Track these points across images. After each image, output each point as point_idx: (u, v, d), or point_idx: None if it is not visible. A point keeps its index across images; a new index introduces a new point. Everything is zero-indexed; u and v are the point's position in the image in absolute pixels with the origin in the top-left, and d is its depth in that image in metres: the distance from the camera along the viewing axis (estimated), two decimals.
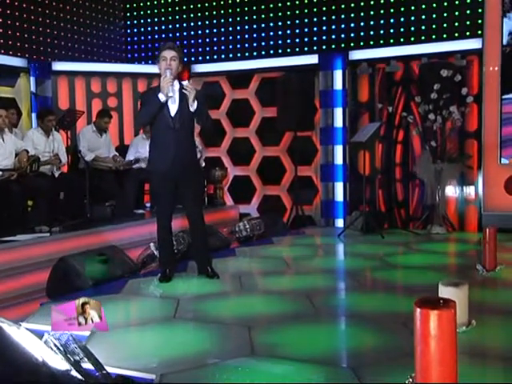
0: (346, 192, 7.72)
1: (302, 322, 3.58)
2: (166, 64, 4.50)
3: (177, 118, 4.53)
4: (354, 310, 3.93)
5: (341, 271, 5.45)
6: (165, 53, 4.52)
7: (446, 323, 2.19)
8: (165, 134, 4.53)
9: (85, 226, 5.74)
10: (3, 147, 5.81)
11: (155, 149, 4.64)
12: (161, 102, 4.47)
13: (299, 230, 7.36)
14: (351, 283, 4.76)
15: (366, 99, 7.66)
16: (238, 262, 5.59)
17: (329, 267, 5.45)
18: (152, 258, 5.15)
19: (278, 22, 8.67)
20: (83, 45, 9.08)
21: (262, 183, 8.39)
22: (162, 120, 4.52)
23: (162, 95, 4.45)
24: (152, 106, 4.50)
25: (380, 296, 4.26)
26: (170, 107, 4.54)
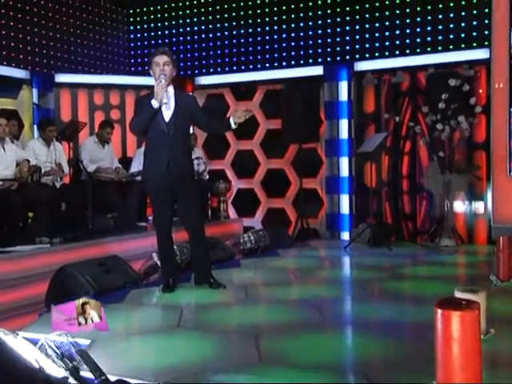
0: (352, 205, 7.63)
1: (310, 331, 3.46)
2: (159, 70, 4.42)
3: (171, 124, 4.45)
4: (362, 319, 3.81)
5: (348, 282, 5.34)
6: (157, 58, 4.46)
7: (470, 325, 2.06)
8: (159, 141, 4.44)
9: (86, 237, 5.64)
10: (4, 157, 5.74)
11: (149, 155, 4.55)
12: (154, 109, 4.37)
13: (304, 243, 7.25)
14: (359, 293, 4.65)
15: (371, 110, 7.60)
16: (243, 273, 5.49)
17: (336, 278, 5.35)
18: (155, 269, 5.03)
19: (283, 34, 8.64)
20: (86, 57, 9.05)
21: (267, 196, 8.31)
22: (156, 126, 4.43)
23: (154, 101, 4.37)
24: (145, 113, 4.41)
25: (389, 306, 4.13)
26: (164, 113, 4.46)
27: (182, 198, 4.55)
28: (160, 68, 4.42)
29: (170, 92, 4.47)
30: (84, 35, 9.01)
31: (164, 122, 4.44)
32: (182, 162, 4.51)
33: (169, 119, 4.45)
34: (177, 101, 4.49)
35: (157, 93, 4.35)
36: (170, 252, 4.70)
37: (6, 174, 5.65)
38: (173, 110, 4.47)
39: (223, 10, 9.04)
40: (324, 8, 8.33)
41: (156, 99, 4.35)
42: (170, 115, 4.46)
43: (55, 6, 8.55)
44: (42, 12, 8.34)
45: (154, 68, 4.47)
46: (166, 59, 4.45)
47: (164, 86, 4.34)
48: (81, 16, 8.97)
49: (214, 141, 8.49)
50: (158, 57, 4.46)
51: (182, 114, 4.47)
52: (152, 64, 4.48)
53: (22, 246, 5.03)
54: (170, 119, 4.45)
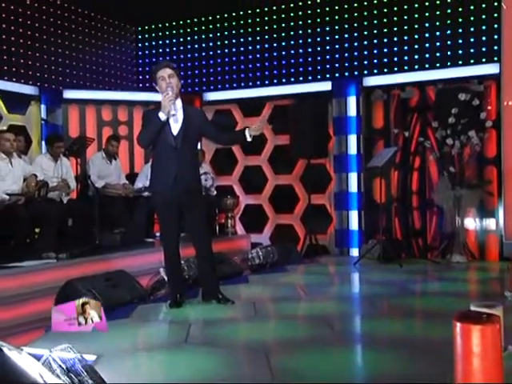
0: (361, 221, 7.56)
1: (322, 347, 3.38)
2: (165, 83, 4.38)
3: (179, 137, 4.40)
4: (373, 335, 3.72)
5: (358, 298, 5.25)
6: (161, 72, 4.43)
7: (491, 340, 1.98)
8: (166, 154, 4.40)
9: (93, 252, 5.60)
10: (11, 172, 5.71)
11: (156, 169, 4.51)
12: (162, 121, 4.33)
13: (313, 259, 7.16)
14: (370, 309, 4.56)
15: (380, 126, 7.56)
16: (251, 289, 5.42)
17: (346, 294, 5.28)
18: (162, 284, 4.96)
19: (291, 49, 8.67)
20: (94, 73, 9.09)
21: (275, 212, 8.25)
22: (163, 139, 4.39)
23: (162, 114, 4.32)
24: (153, 126, 4.37)
25: (400, 322, 4.06)
26: (172, 126, 4.41)
27: (189, 213, 4.49)
28: (166, 81, 4.39)
29: (177, 105, 4.44)
30: (92, 52, 9.06)
31: (172, 135, 4.40)
32: (190, 176, 4.46)
33: (177, 132, 4.41)
34: (185, 114, 4.46)
35: (164, 105, 4.31)
36: (177, 267, 4.64)
37: (13, 189, 5.62)
38: (181, 123, 4.43)
39: (231, 27, 9.09)
40: (332, 24, 8.36)
41: (163, 111, 4.32)
42: (178, 128, 4.42)
43: (64, 23, 8.61)
44: (50, 29, 8.40)
45: (159, 82, 4.44)
46: (170, 71, 4.42)
47: (171, 98, 4.31)
48: (89, 33, 9.03)
49: (222, 156, 8.47)
50: (162, 70, 4.43)
51: (191, 128, 4.43)
52: (157, 79, 4.45)
53: (29, 261, 4.97)
54: (177, 132, 4.41)
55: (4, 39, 7.72)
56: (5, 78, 7.57)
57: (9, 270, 4.63)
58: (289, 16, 8.68)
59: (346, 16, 8.26)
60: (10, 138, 5.71)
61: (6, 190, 5.49)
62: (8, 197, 5.43)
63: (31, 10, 8.10)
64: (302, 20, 8.56)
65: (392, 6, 7.95)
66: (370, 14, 8.09)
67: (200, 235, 4.54)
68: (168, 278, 4.72)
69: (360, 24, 8.15)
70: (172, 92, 4.33)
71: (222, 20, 9.15)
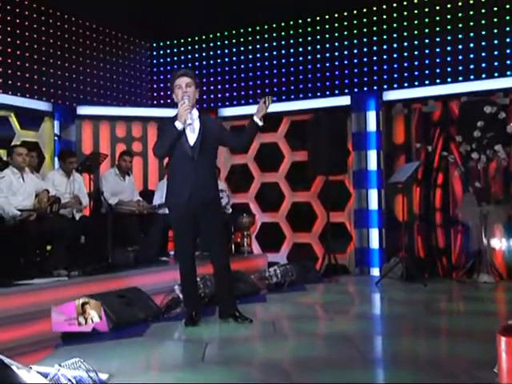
0: (382, 239, 7.43)
1: (344, 367, 3.26)
2: (181, 92, 4.34)
3: (196, 148, 4.34)
4: (397, 354, 3.58)
5: (381, 317, 5.11)
6: (179, 81, 4.38)
7: None
8: (183, 165, 4.33)
9: (105, 270, 5.53)
10: (23, 187, 5.70)
11: (173, 181, 4.44)
12: (178, 131, 4.27)
13: (332, 279, 7.02)
14: (393, 328, 4.42)
15: (401, 140, 7.48)
16: (269, 308, 5.32)
17: (368, 313, 5.15)
18: (177, 302, 4.86)
19: (308, 64, 8.64)
20: (108, 89, 9.13)
21: (292, 230, 8.14)
22: (180, 150, 4.33)
23: (178, 123, 4.26)
24: (169, 136, 4.30)
25: (426, 341, 3.93)
26: (188, 136, 4.35)
27: (206, 226, 4.40)
28: (182, 90, 4.34)
29: (194, 114, 4.38)
30: (106, 67, 9.11)
31: (188, 145, 4.34)
32: (208, 188, 4.38)
33: (193, 143, 4.35)
34: (201, 124, 4.40)
35: (180, 114, 4.25)
36: (193, 284, 4.55)
37: (24, 205, 5.59)
38: (197, 133, 4.36)
39: (246, 42, 9.11)
40: (350, 38, 8.34)
41: (180, 120, 4.26)
42: (194, 138, 4.36)
43: (78, 39, 8.68)
44: (64, 45, 8.46)
45: (176, 91, 4.39)
46: (188, 80, 4.38)
47: (187, 108, 4.25)
48: (103, 48, 9.09)
49: (238, 173, 8.40)
50: (180, 79, 4.38)
51: (208, 138, 4.37)
52: (174, 87, 4.40)
53: (39, 278, 4.93)
54: (194, 143, 4.35)
55: (18, 55, 7.78)
56: (18, 94, 7.63)
57: (19, 288, 4.58)
58: (306, 30, 8.68)
59: (364, 30, 8.24)
60: (22, 152, 5.70)
61: (17, 206, 5.47)
62: (19, 212, 5.41)
63: (45, 25, 8.17)
64: (320, 34, 8.55)
65: (412, 20, 7.92)
66: (390, 27, 8.07)
67: (217, 250, 4.44)
68: (183, 295, 4.63)
69: (379, 38, 8.13)
70: (188, 101, 4.27)
71: (237, 35, 9.18)
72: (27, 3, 7.93)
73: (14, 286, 4.60)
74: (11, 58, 7.68)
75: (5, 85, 7.55)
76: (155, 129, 8.43)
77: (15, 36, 7.76)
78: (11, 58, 7.68)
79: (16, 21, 7.79)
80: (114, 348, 3.77)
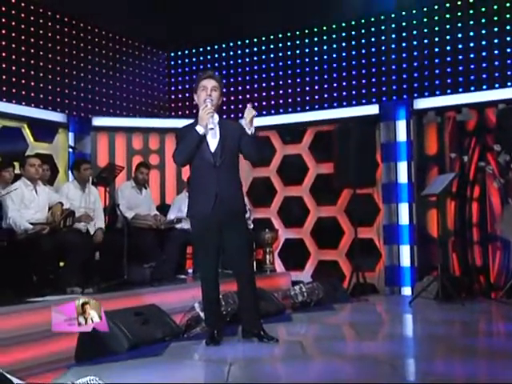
0: (414, 256, 7.28)
1: None
2: (205, 94, 4.28)
3: (218, 154, 4.26)
4: (433, 376, 3.44)
5: (417, 338, 4.95)
6: (205, 82, 4.33)
7: None
8: (205, 173, 4.26)
9: (121, 288, 5.49)
10: (36, 199, 5.69)
11: (194, 190, 4.38)
12: (199, 135, 4.20)
13: (361, 298, 6.88)
14: (429, 349, 4.26)
15: (434, 151, 7.36)
16: (296, 328, 5.21)
17: (401, 333, 5.04)
18: (197, 320, 4.75)
19: (333, 73, 8.60)
20: (125, 100, 9.14)
21: (317, 247, 8.04)
22: (201, 157, 4.26)
23: (200, 127, 4.20)
24: (190, 140, 4.23)
25: (464, 363, 3.76)
26: (209, 142, 4.28)
27: (230, 239, 4.31)
28: (207, 92, 4.29)
29: (215, 119, 4.31)
30: (122, 77, 9.15)
31: (210, 151, 4.26)
32: (231, 196, 4.29)
33: (215, 148, 4.27)
34: (222, 129, 4.32)
35: (202, 117, 4.19)
36: (215, 301, 4.45)
37: (37, 218, 5.58)
38: (219, 138, 4.29)
39: (268, 49, 9.10)
40: (378, 44, 8.28)
41: (201, 124, 4.19)
42: (216, 144, 4.28)
43: (94, 48, 8.72)
44: (80, 54, 8.51)
45: (199, 92, 4.34)
46: (214, 84, 4.33)
47: (210, 111, 4.18)
48: (120, 58, 9.12)
49: (260, 187, 8.32)
50: (206, 80, 4.33)
51: (230, 143, 4.29)
52: (198, 88, 4.35)
53: (52, 295, 4.88)
54: (216, 148, 4.27)
55: (32, 64, 7.82)
56: (32, 105, 7.67)
57: (30, 305, 4.53)
58: (331, 38, 8.63)
59: (393, 36, 8.17)
60: (35, 163, 5.69)
61: (29, 219, 5.47)
62: (31, 226, 5.39)
63: (60, 34, 8.22)
64: (345, 41, 8.51)
65: (444, 25, 7.83)
66: (420, 33, 7.99)
67: (242, 263, 4.35)
68: (205, 313, 4.52)
69: (409, 44, 8.06)
70: (211, 104, 4.21)
71: (257, 43, 9.19)
72: (42, 11, 7.99)
73: (25, 303, 4.55)
74: (25, 67, 7.72)
75: (18, 95, 7.58)
76: (173, 141, 8.36)
77: (29, 45, 7.81)
78: (25, 67, 7.72)
79: (30, 29, 7.84)
80: (130, 369, 3.68)
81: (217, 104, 4.34)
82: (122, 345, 4.10)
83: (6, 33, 7.53)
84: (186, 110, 9.66)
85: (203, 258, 4.41)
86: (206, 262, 4.38)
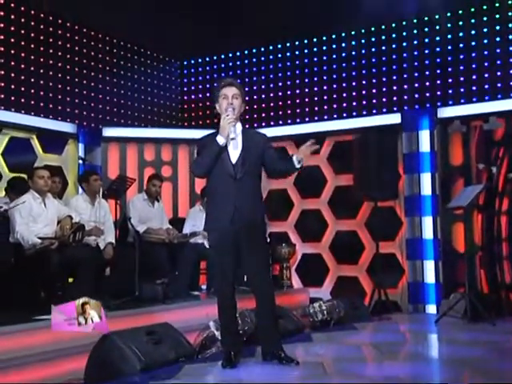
0: (439, 272, 7.15)
1: None
2: (227, 103, 4.21)
3: (239, 166, 4.18)
4: None
5: (444, 360, 4.79)
6: (225, 90, 4.26)
7: None
8: (224, 185, 4.18)
9: (132, 305, 5.45)
10: (44, 213, 5.68)
11: (213, 202, 4.30)
12: (220, 146, 4.13)
13: (383, 317, 6.76)
14: (460, 373, 4.13)
15: (459, 162, 7.26)
16: (316, 348, 5.10)
17: (429, 355, 4.97)
18: (212, 340, 4.67)
19: (352, 81, 8.54)
20: (136, 110, 9.13)
21: (336, 262, 7.94)
22: (221, 168, 4.18)
23: (220, 137, 4.12)
24: (210, 151, 4.16)
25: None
26: (230, 153, 4.20)
27: (248, 254, 4.22)
28: (228, 101, 4.22)
29: (237, 129, 4.23)
30: (134, 87, 9.16)
31: (230, 163, 4.18)
32: (251, 210, 4.20)
33: (236, 160, 4.20)
34: (244, 139, 4.25)
35: (223, 127, 4.11)
36: (232, 320, 4.35)
37: (45, 232, 5.56)
38: (240, 149, 4.21)
39: (284, 58, 9.08)
40: (399, 51, 8.23)
41: (222, 134, 4.11)
42: (237, 155, 4.20)
43: (104, 57, 8.73)
44: (90, 63, 8.52)
45: (220, 101, 4.27)
46: (236, 91, 4.25)
47: (232, 120, 4.10)
48: (131, 67, 9.14)
49: (276, 199, 8.25)
50: (227, 88, 4.26)
51: (252, 154, 4.21)
52: (219, 97, 4.28)
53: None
54: (237, 160, 4.19)
55: (41, 74, 7.83)
56: (41, 115, 7.68)
57: (37, 324, 4.48)
58: (350, 44, 8.59)
59: (414, 42, 8.11)
60: (44, 175, 5.67)
61: (38, 233, 5.45)
62: (40, 240, 5.37)
63: (70, 42, 8.23)
64: (366, 48, 8.46)
65: (469, 30, 7.76)
66: (443, 39, 7.92)
67: (261, 280, 4.25)
68: (221, 332, 4.43)
69: (432, 51, 7.98)
70: (232, 113, 4.13)
71: (273, 51, 9.18)
72: (51, 18, 8.00)
73: (32, 321, 4.51)
74: (34, 77, 7.74)
75: (27, 105, 7.60)
76: (186, 151, 8.40)
77: (38, 54, 7.83)
78: (34, 77, 7.74)
79: (40, 38, 7.87)
80: None
81: (239, 112, 4.26)
82: (133, 366, 4.02)
83: (15, 41, 7.55)
84: (200, 120, 9.64)
85: (220, 274, 4.32)
86: (222, 277, 4.29)
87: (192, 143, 8.35)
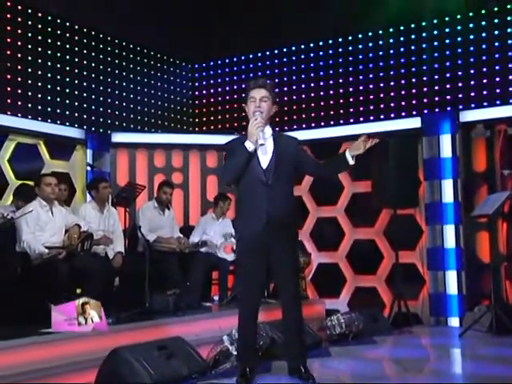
0: (461, 283, 7.04)
1: None
2: (254, 106, 4.13)
3: (270, 171, 4.11)
4: None
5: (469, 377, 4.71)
6: (253, 92, 4.18)
7: None
8: (255, 192, 4.11)
9: (142, 317, 5.39)
10: (52, 221, 5.66)
11: (243, 210, 4.23)
12: (249, 152, 4.06)
13: (403, 330, 6.66)
14: None
15: (483, 168, 7.17)
16: (335, 363, 5.04)
17: (453, 371, 4.88)
18: (226, 355, 4.60)
19: (369, 84, 8.46)
20: (146, 114, 9.10)
21: (354, 272, 7.87)
22: (251, 174, 4.11)
23: (249, 143, 4.05)
24: (239, 157, 4.10)
25: None
26: (260, 158, 4.13)
27: (279, 261, 4.15)
28: (256, 104, 4.14)
29: (266, 133, 4.15)
30: (144, 91, 9.13)
31: (261, 168, 4.12)
32: (284, 218, 4.11)
33: (267, 165, 4.13)
34: (275, 143, 4.18)
35: (251, 132, 4.03)
36: (253, 336, 4.27)
37: (53, 241, 5.54)
38: (271, 154, 4.14)
39: (299, 60, 9.03)
40: (418, 53, 8.14)
41: (250, 140, 4.04)
42: (267, 160, 4.14)
43: (114, 60, 8.70)
44: (99, 66, 8.49)
45: (249, 104, 4.20)
46: (265, 93, 4.16)
47: (260, 125, 4.02)
48: (141, 70, 9.11)
49: None
50: (255, 91, 4.18)
51: (283, 159, 4.14)
52: (248, 99, 4.21)
53: None
54: (268, 165, 4.13)
55: (48, 78, 7.81)
56: (48, 120, 7.66)
57: (43, 337, 4.42)
58: (367, 46, 8.52)
59: (435, 43, 8.03)
60: (51, 182, 5.65)
61: (45, 243, 5.43)
62: (47, 250, 5.35)
63: (78, 45, 8.21)
64: (383, 50, 8.38)
65: (492, 30, 7.67)
66: (465, 39, 7.82)
67: (289, 291, 4.19)
68: (238, 347, 4.35)
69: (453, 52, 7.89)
70: (261, 117, 4.05)
71: (287, 53, 9.13)
72: (59, 21, 7.99)
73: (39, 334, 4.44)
74: (41, 81, 7.72)
75: (34, 110, 7.57)
76: (197, 157, 8.35)
77: (45, 58, 7.80)
78: (41, 81, 7.72)
79: (47, 40, 7.85)
80: None
81: (267, 116, 4.17)
82: (144, 383, 3.96)
83: (22, 44, 7.54)
84: (211, 124, 9.59)
85: (247, 285, 4.25)
86: (249, 288, 4.22)
87: (203, 149, 8.34)
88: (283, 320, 4.30)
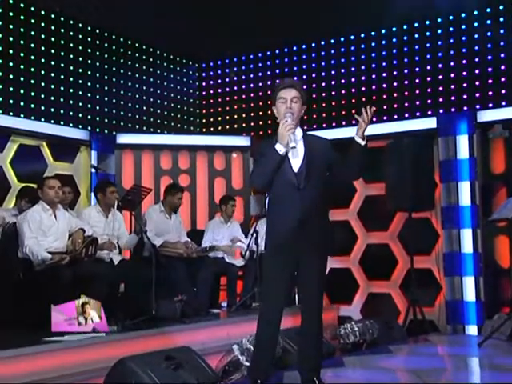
0: (480, 290, 6.99)
1: None
2: (285, 107, 4.05)
3: (302, 175, 4.01)
4: None
5: None
6: (283, 93, 4.08)
7: None
8: (286, 196, 4.02)
9: (149, 325, 5.37)
10: (55, 226, 5.63)
11: (274, 216, 4.14)
12: (280, 155, 3.98)
13: (419, 338, 6.62)
14: None
15: (501, 170, 7.13)
16: (349, 373, 5.03)
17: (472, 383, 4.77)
18: (236, 365, 4.56)
19: (383, 83, 8.40)
20: (151, 115, 9.08)
21: (367, 278, 7.85)
22: (282, 178, 4.02)
23: (280, 146, 3.96)
24: (269, 161, 4.01)
25: None
26: (292, 161, 4.04)
27: (307, 270, 4.05)
28: (286, 105, 4.05)
29: (297, 135, 4.08)
30: (149, 91, 9.12)
31: (292, 172, 4.03)
32: (317, 224, 4.02)
33: (298, 168, 4.04)
34: (306, 145, 4.09)
35: (282, 135, 3.93)
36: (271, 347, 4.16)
37: (56, 246, 5.52)
38: (303, 156, 4.06)
39: (309, 59, 8.98)
40: (434, 51, 8.07)
41: (281, 143, 3.95)
42: (299, 164, 4.05)
43: (118, 60, 8.68)
44: (104, 66, 8.47)
45: (278, 105, 4.09)
46: (295, 94, 4.06)
47: (291, 127, 3.93)
48: (147, 70, 9.09)
49: None
50: (285, 91, 4.07)
51: (315, 162, 4.04)
52: (276, 100, 4.11)
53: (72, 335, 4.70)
54: (299, 168, 4.04)
55: (52, 78, 7.78)
56: (51, 121, 7.63)
57: (48, 346, 4.41)
58: (380, 44, 8.46)
59: (451, 41, 7.97)
60: (54, 185, 5.63)
61: (48, 248, 5.41)
62: (50, 256, 5.33)
63: (82, 44, 8.18)
64: (397, 48, 8.31)
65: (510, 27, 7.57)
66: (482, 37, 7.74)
67: (313, 305, 4.09)
68: (252, 358, 4.26)
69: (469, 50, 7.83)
70: (291, 119, 3.97)
71: (296, 52, 9.09)
72: (63, 19, 7.96)
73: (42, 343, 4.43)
74: (44, 81, 7.69)
75: (37, 111, 7.55)
76: (205, 159, 8.31)
77: (49, 57, 7.77)
78: (44, 81, 7.69)
79: (51, 40, 7.82)
80: None
81: (298, 117, 4.08)
82: None
83: (25, 44, 7.51)
84: (219, 125, 9.55)
85: (270, 293, 4.13)
86: (273, 299, 4.11)
87: (211, 150, 8.30)
88: (302, 332, 4.21)
